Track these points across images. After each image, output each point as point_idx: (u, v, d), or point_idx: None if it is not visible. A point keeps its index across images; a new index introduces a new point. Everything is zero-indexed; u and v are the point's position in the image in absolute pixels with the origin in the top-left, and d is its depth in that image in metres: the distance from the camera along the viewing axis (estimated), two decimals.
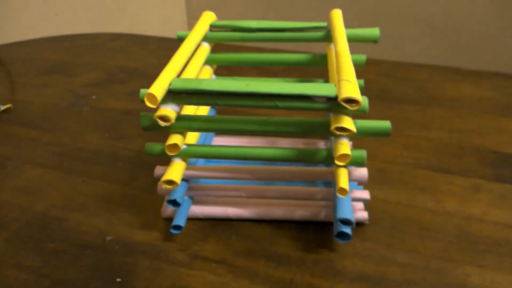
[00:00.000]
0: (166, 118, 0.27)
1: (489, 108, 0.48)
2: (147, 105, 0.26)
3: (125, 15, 1.14)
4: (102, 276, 0.28)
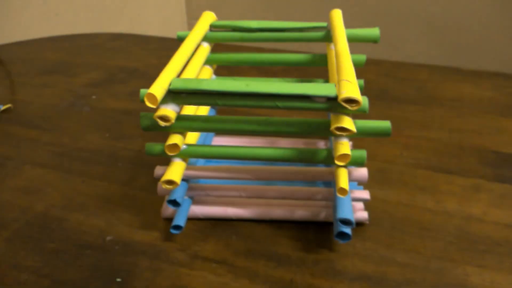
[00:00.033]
0: (166, 118, 0.27)
1: (489, 108, 0.48)
2: (147, 105, 0.26)
3: (125, 15, 1.14)
4: (102, 276, 0.28)
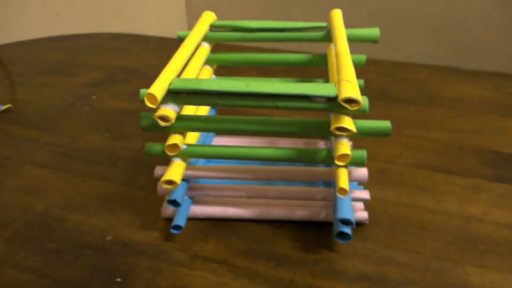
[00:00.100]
0: (166, 118, 0.27)
1: (489, 108, 0.48)
2: (147, 105, 0.26)
3: (125, 15, 1.14)
4: (102, 276, 0.28)
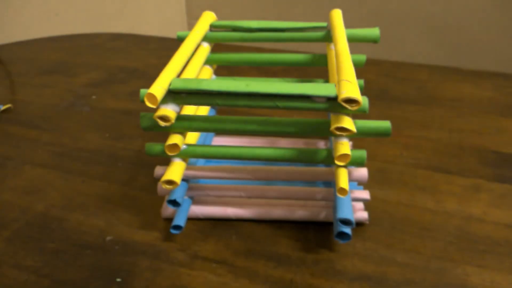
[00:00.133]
0: (166, 118, 0.27)
1: (489, 108, 0.48)
2: (147, 105, 0.26)
3: (125, 15, 1.14)
4: (102, 276, 0.28)
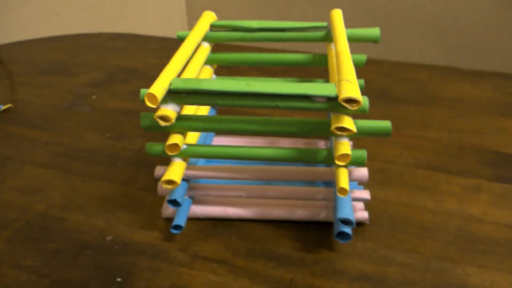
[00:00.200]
0: (166, 118, 0.27)
1: (489, 108, 0.48)
2: (147, 105, 0.26)
3: (125, 15, 1.14)
4: (102, 276, 0.28)
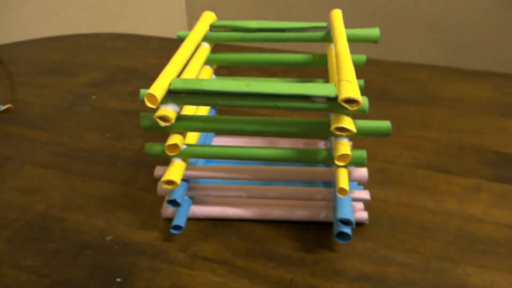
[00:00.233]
0: (166, 118, 0.27)
1: (489, 108, 0.48)
2: (147, 105, 0.26)
3: (125, 15, 1.14)
4: (102, 276, 0.28)
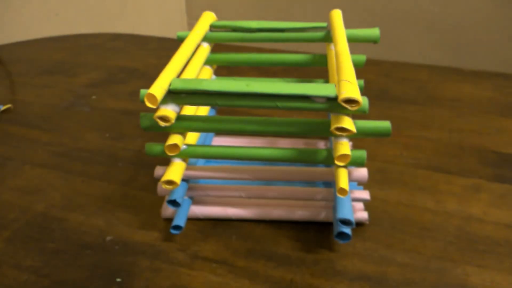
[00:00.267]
0: (166, 119, 0.27)
1: (489, 108, 0.48)
2: (147, 105, 0.26)
3: (125, 15, 1.14)
4: (102, 276, 0.28)
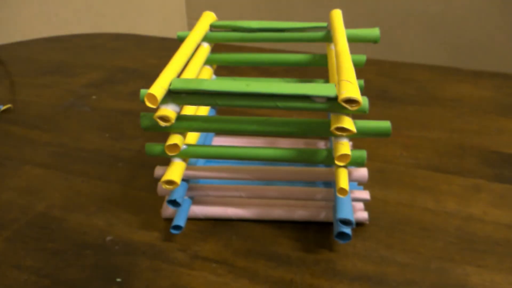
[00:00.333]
0: (166, 118, 0.27)
1: (489, 108, 0.48)
2: (147, 105, 0.26)
3: (125, 15, 1.14)
4: (102, 276, 0.28)
